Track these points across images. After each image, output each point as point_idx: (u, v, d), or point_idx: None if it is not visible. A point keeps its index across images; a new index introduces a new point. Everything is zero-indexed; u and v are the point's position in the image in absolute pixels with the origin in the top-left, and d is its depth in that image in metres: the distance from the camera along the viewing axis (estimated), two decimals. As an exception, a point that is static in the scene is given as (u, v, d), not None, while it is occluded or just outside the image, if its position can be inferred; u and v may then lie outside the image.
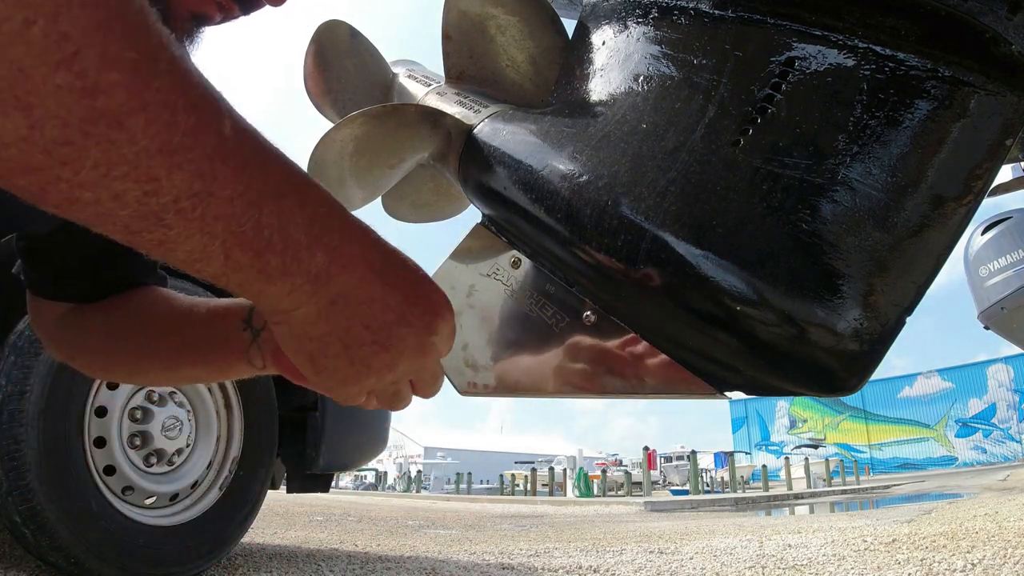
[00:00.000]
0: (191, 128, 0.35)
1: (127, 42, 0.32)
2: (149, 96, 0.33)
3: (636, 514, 10.16)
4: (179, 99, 0.35)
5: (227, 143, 0.37)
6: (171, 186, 0.35)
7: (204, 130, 0.36)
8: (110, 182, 0.34)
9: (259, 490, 2.56)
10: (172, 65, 0.35)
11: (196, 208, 0.37)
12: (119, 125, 0.32)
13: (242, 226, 0.39)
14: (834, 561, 3.14)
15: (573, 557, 3.51)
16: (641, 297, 0.60)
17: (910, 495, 12.97)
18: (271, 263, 0.42)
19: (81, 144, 0.32)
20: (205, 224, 0.38)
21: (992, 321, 4.47)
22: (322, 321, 0.47)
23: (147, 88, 0.33)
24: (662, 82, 0.65)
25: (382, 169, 0.81)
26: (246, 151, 0.39)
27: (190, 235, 0.38)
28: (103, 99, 0.32)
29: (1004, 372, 35.10)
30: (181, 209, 0.36)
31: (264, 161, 0.40)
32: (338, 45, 0.98)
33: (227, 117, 0.38)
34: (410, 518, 7.59)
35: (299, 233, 0.42)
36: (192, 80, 0.36)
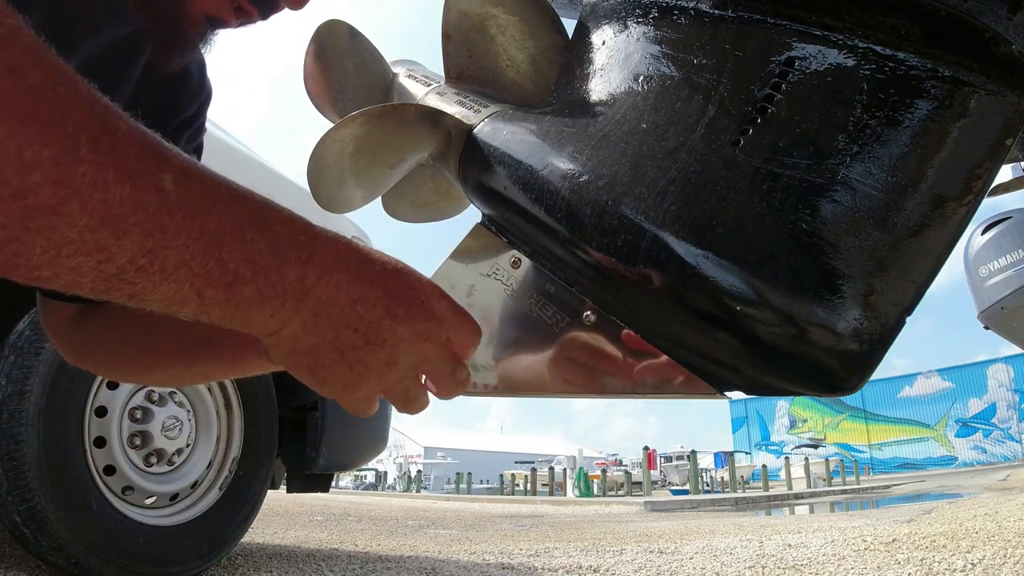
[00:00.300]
0: (128, 196, 0.36)
1: (39, 139, 0.33)
2: (77, 182, 0.34)
3: (636, 514, 10.16)
4: (108, 174, 0.36)
5: (169, 197, 0.38)
6: (122, 251, 0.37)
7: (141, 193, 0.37)
8: (63, 260, 0.36)
9: (259, 490, 2.55)
10: (95, 145, 0.35)
11: (154, 263, 0.38)
12: (55, 214, 0.34)
13: (206, 267, 0.40)
14: (834, 561, 3.14)
15: (573, 557, 3.51)
16: (641, 297, 0.60)
17: (910, 495, 12.97)
18: (245, 292, 0.43)
19: (25, 238, 0.34)
20: (168, 274, 0.39)
21: (992, 321, 4.47)
22: (310, 334, 0.48)
23: (72, 176, 0.34)
24: (662, 82, 0.65)
25: (382, 169, 0.81)
26: (192, 197, 0.40)
27: (157, 286, 0.39)
28: (32, 198, 0.33)
29: (1004, 372, 35.11)
30: (139, 267, 0.38)
31: (213, 200, 0.41)
32: (338, 45, 0.98)
33: (166, 171, 0.39)
34: (410, 518, 7.59)
35: (266, 258, 0.43)
36: (121, 149, 0.37)
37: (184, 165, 0.40)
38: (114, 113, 0.38)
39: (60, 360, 1.99)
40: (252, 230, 0.42)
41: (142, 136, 0.39)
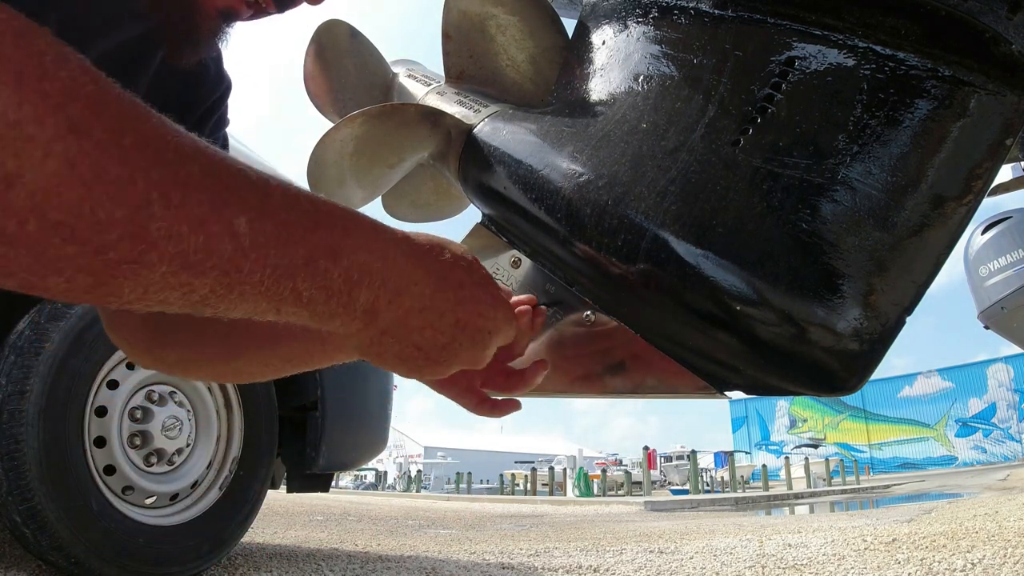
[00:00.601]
0: (202, 245, 0.38)
1: (113, 202, 0.35)
2: (152, 236, 0.36)
3: (636, 514, 10.16)
4: (182, 227, 0.37)
5: (243, 241, 0.40)
6: (203, 285, 0.39)
7: (215, 241, 0.39)
8: (151, 295, 0.38)
9: (259, 490, 2.55)
10: (166, 200, 0.37)
11: (232, 292, 0.41)
12: (136, 263, 0.36)
13: (281, 294, 0.43)
14: (834, 561, 3.14)
15: (573, 557, 3.51)
16: (641, 297, 0.60)
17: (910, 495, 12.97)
18: (318, 310, 0.46)
19: (113, 283, 0.37)
20: (246, 299, 0.42)
21: (992, 321, 4.47)
22: (376, 345, 0.52)
23: (147, 231, 0.36)
24: (662, 82, 0.65)
25: (382, 169, 0.81)
26: (266, 237, 0.41)
27: (237, 307, 0.42)
28: (113, 253, 0.35)
29: (1004, 372, 35.10)
30: (220, 296, 0.41)
31: (288, 237, 0.43)
32: (338, 45, 0.98)
33: (241, 213, 0.40)
34: (410, 518, 7.59)
35: (338, 284, 0.46)
36: (193, 199, 0.38)
37: (260, 203, 0.42)
38: (186, 154, 0.39)
39: (60, 360, 1.99)
40: (326, 261, 0.45)
41: (215, 178, 0.40)
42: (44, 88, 0.33)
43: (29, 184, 0.33)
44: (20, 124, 0.32)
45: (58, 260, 0.35)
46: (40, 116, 0.33)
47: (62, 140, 0.33)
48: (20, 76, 0.32)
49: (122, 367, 2.22)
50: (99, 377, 2.13)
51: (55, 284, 0.36)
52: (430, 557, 3.48)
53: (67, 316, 2.05)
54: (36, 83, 0.33)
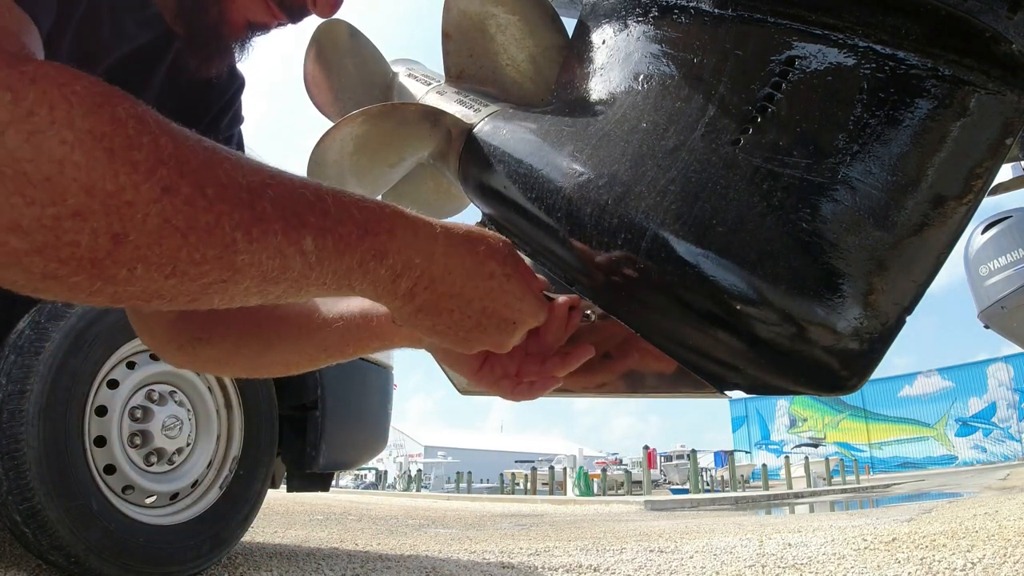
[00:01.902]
0: (278, 266, 0.45)
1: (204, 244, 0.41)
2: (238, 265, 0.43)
3: (636, 513, 10.16)
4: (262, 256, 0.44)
5: (310, 257, 0.46)
6: (277, 290, 0.46)
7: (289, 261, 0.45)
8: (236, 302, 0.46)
9: (259, 489, 2.55)
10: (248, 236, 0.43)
11: (300, 293, 0.48)
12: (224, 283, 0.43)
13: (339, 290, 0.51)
14: (834, 560, 3.14)
15: (573, 556, 3.51)
16: (641, 296, 0.60)
17: (910, 494, 12.97)
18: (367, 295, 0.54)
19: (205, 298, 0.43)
20: (311, 295, 0.50)
21: (992, 320, 4.47)
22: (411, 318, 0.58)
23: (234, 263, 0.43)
24: (662, 81, 0.65)
25: (382, 168, 0.81)
26: (328, 251, 0.48)
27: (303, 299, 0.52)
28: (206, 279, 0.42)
29: (1004, 371, 35.12)
30: (290, 295, 0.48)
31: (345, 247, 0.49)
32: (338, 44, 0.98)
33: (307, 234, 0.46)
34: (410, 517, 7.59)
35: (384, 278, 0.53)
36: (270, 231, 0.44)
37: (320, 221, 0.47)
38: (257, 191, 0.44)
39: (60, 359, 1.99)
40: (374, 263, 0.51)
41: (283, 207, 0.45)
42: (134, 158, 0.38)
43: (134, 240, 0.38)
44: (119, 193, 0.37)
45: (161, 290, 0.41)
46: (135, 184, 0.38)
47: (157, 202, 0.38)
48: (111, 151, 0.37)
49: (122, 366, 2.22)
50: (99, 376, 2.14)
51: (158, 304, 0.43)
52: (430, 556, 3.47)
53: (67, 316, 2.05)
54: (125, 153, 0.38)
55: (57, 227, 0.36)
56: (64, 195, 0.35)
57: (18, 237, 0.35)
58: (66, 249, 0.36)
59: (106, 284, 0.39)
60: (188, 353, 0.77)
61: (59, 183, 0.35)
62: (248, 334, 0.75)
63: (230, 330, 0.75)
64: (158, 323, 0.77)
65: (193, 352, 0.77)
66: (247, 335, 0.75)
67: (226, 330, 0.75)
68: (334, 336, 0.73)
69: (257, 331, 0.75)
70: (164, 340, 0.78)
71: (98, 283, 0.39)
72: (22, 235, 0.35)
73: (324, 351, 0.74)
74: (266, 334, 0.75)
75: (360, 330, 0.72)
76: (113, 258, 0.38)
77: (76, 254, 0.37)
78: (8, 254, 0.36)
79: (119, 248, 0.38)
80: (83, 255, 0.37)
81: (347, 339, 0.72)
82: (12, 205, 0.35)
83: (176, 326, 0.76)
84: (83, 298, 0.40)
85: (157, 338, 0.78)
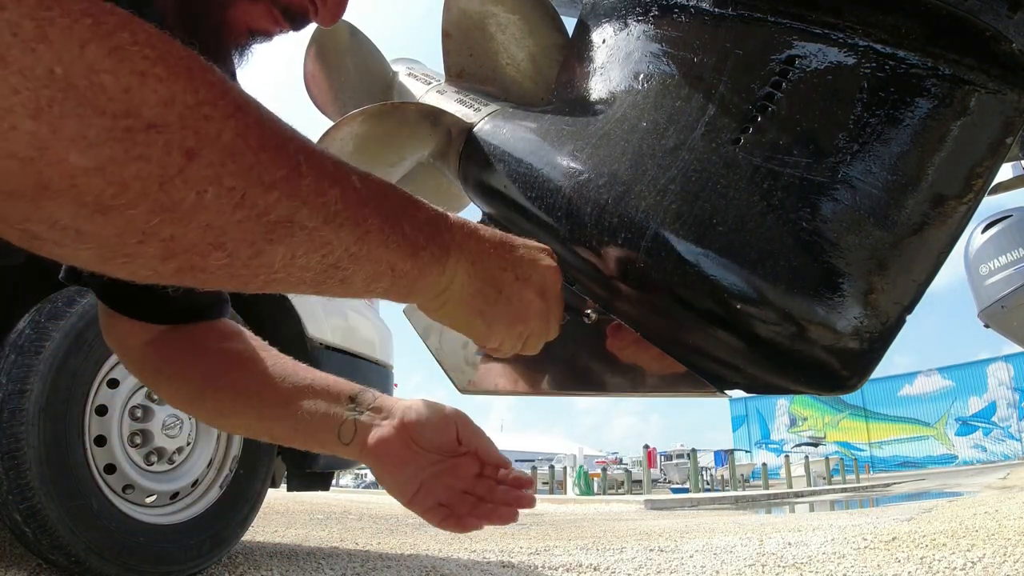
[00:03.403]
0: (338, 196, 0.44)
1: (274, 164, 0.40)
2: (304, 192, 0.42)
3: (636, 512, 10.16)
4: (324, 182, 0.43)
5: (361, 192, 0.46)
6: (340, 242, 0.45)
7: (346, 192, 0.45)
8: (297, 261, 0.43)
9: (259, 488, 2.56)
10: (310, 159, 0.43)
11: (362, 248, 0.47)
12: (291, 223, 0.41)
13: (396, 242, 0.49)
14: (834, 559, 3.15)
15: (573, 555, 3.51)
16: (641, 295, 0.60)
17: (910, 493, 12.97)
18: (424, 258, 0.52)
19: (269, 250, 0.41)
20: (371, 255, 0.48)
21: (992, 319, 4.46)
22: (475, 279, 0.58)
23: (300, 188, 0.42)
24: (662, 80, 0.65)
25: (382, 167, 0.81)
26: (372, 190, 0.48)
27: (362, 267, 0.48)
28: (273, 213, 0.40)
29: (1004, 370, 35.11)
30: (352, 255, 0.46)
31: (384, 192, 0.50)
32: (338, 44, 0.98)
33: (351, 173, 0.47)
34: (410, 516, 7.58)
35: (428, 226, 0.53)
36: (323, 160, 0.44)
37: (354, 167, 0.48)
38: (301, 133, 0.45)
39: (61, 359, 1.99)
40: (412, 208, 0.52)
41: (324, 148, 0.46)
42: (209, 78, 0.38)
43: (207, 157, 0.37)
44: (198, 107, 0.37)
45: (225, 231, 0.39)
46: (213, 99, 0.38)
47: (232, 117, 0.38)
48: (191, 69, 0.37)
49: (122, 366, 2.22)
50: (99, 376, 2.13)
51: (215, 262, 0.40)
52: (430, 556, 3.48)
53: (67, 315, 2.05)
54: (203, 75, 0.38)
55: (128, 139, 0.34)
56: (141, 107, 0.34)
57: (80, 151, 0.33)
58: (133, 166, 0.34)
59: (167, 219, 0.36)
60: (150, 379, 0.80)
61: (138, 94, 0.34)
62: (208, 395, 0.76)
63: (192, 384, 0.77)
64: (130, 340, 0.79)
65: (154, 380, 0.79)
66: (206, 396, 0.76)
67: (188, 382, 0.77)
68: (284, 430, 0.74)
69: (216, 396, 0.76)
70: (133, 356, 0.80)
71: (157, 217, 0.36)
72: (86, 148, 0.33)
73: (272, 437, 0.77)
74: (222, 403, 0.76)
75: (308, 434, 0.72)
76: (184, 176, 0.36)
77: (144, 171, 0.35)
78: (64, 175, 0.33)
79: (191, 165, 0.36)
80: (151, 172, 0.35)
81: (295, 438, 0.74)
82: (80, 115, 0.33)
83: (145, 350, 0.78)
84: (132, 246, 0.37)
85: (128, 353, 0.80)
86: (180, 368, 0.77)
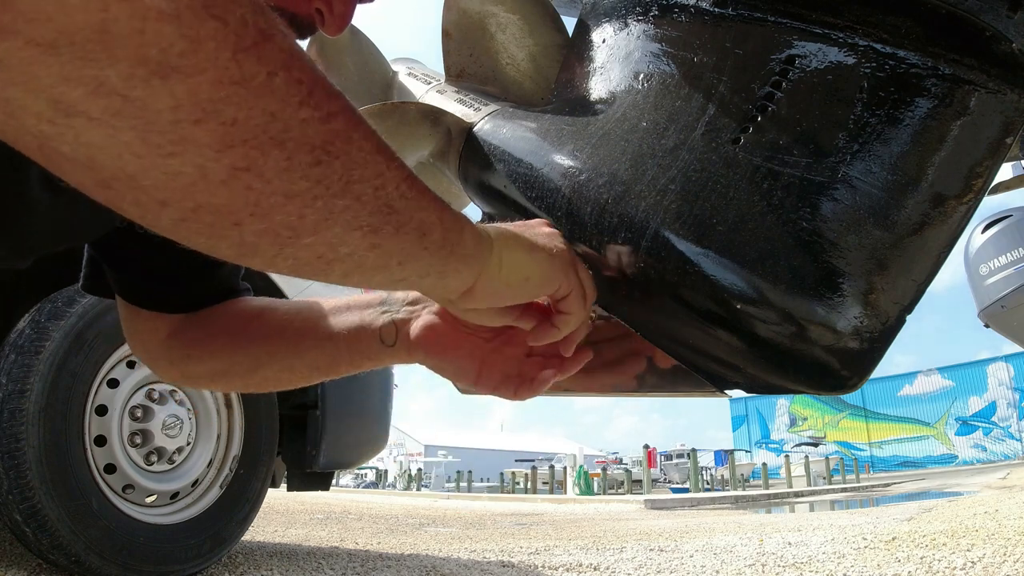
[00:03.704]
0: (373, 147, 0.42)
1: (329, 95, 0.38)
2: (363, 124, 0.40)
3: (636, 512, 10.16)
4: (358, 129, 0.40)
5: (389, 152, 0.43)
6: (392, 175, 0.43)
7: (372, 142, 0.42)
8: (352, 187, 0.40)
9: (259, 488, 2.56)
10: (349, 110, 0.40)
11: (412, 189, 0.45)
12: (349, 139, 0.39)
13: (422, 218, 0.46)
14: (834, 559, 3.15)
15: (573, 555, 3.51)
16: (641, 295, 0.60)
17: (910, 493, 12.98)
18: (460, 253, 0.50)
19: (328, 161, 0.38)
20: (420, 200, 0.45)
21: (992, 319, 4.47)
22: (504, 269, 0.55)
23: (357, 119, 0.40)
24: (662, 80, 0.65)
25: (382, 167, 0.81)
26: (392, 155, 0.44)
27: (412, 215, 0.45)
28: (335, 122, 0.38)
29: (1004, 370, 35.13)
30: (402, 193, 0.43)
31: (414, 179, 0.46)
32: (338, 43, 0.98)
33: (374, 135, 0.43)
34: (410, 516, 7.60)
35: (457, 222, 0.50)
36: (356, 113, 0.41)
37: None
38: None
39: (60, 359, 1.99)
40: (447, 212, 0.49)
41: None
42: None
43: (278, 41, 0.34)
44: None
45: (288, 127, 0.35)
46: None
47: None
48: None
49: (122, 366, 2.22)
50: (99, 376, 2.14)
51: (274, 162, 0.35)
52: (430, 555, 3.48)
53: (67, 315, 2.05)
54: None
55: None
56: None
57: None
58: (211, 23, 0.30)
59: (232, 95, 0.32)
60: (179, 369, 0.77)
61: None
62: (240, 351, 0.75)
63: (222, 349, 0.76)
64: (152, 337, 0.77)
65: (184, 368, 0.77)
66: (238, 353, 0.75)
67: (217, 348, 0.76)
68: (325, 358, 0.72)
69: (248, 349, 0.74)
70: (157, 355, 0.78)
71: (224, 91, 0.32)
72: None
73: (316, 370, 0.73)
74: (256, 352, 0.74)
75: (352, 349, 0.70)
76: (258, 51, 0.33)
77: (220, 33, 0.31)
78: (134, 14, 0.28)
79: (266, 43, 0.33)
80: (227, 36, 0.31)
81: (338, 361, 0.71)
82: None
83: (168, 343, 0.77)
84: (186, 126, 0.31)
85: (151, 353, 0.79)
86: (209, 343, 0.76)
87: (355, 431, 2.95)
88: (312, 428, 2.68)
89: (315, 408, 2.69)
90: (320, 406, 2.68)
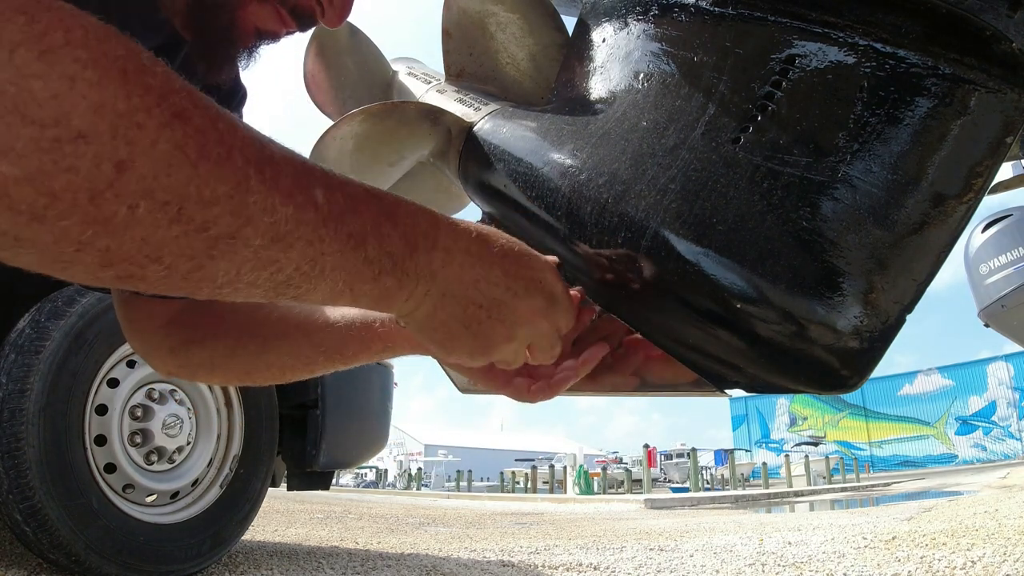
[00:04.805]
0: (291, 216, 0.41)
1: (216, 179, 0.38)
2: (250, 210, 0.39)
3: (636, 511, 10.16)
4: (275, 199, 0.40)
5: (323, 209, 0.43)
6: (289, 261, 0.42)
7: (302, 211, 0.42)
8: (242, 277, 0.41)
9: (259, 488, 2.56)
10: (261, 175, 0.40)
11: (315, 268, 0.44)
12: (233, 239, 0.39)
13: (356, 265, 0.46)
14: (834, 558, 3.15)
15: (573, 554, 3.51)
16: (641, 294, 0.60)
17: (910, 492, 12.98)
18: (387, 283, 0.49)
19: (210, 265, 0.39)
20: (326, 276, 0.45)
21: (992, 319, 4.47)
22: (440, 311, 0.54)
23: (246, 205, 0.39)
24: (662, 79, 0.64)
25: (382, 167, 0.81)
26: (339, 205, 0.45)
27: (317, 286, 0.45)
28: (214, 229, 0.38)
29: (1004, 370, 35.12)
30: (303, 273, 0.43)
31: (355, 204, 0.46)
32: (338, 43, 0.98)
33: (317, 186, 0.43)
34: (410, 515, 7.60)
35: (400, 248, 0.49)
36: (281, 173, 0.41)
37: (327, 176, 0.45)
38: (264, 137, 0.42)
39: (60, 358, 1.99)
40: (387, 226, 0.48)
41: (291, 155, 0.43)
42: (147, 82, 0.36)
43: (140, 169, 0.35)
44: (130, 114, 0.35)
45: (162, 245, 0.37)
46: (148, 106, 0.35)
47: (168, 127, 0.36)
48: (125, 72, 0.35)
49: (122, 365, 2.22)
50: (99, 375, 2.14)
51: (154, 273, 0.38)
52: (430, 555, 3.48)
53: (67, 315, 2.05)
54: (139, 77, 0.36)
55: (56, 150, 0.33)
56: (70, 114, 0.33)
57: (10, 161, 0.32)
58: (62, 177, 0.33)
59: (100, 231, 0.35)
60: (180, 356, 0.76)
61: (67, 100, 0.33)
62: (246, 334, 0.74)
63: (227, 330, 0.74)
64: (149, 325, 0.76)
65: (185, 355, 0.76)
66: (244, 335, 0.74)
67: (223, 330, 0.75)
68: (333, 339, 0.71)
69: (255, 330, 0.73)
70: (155, 343, 0.77)
71: (91, 229, 0.35)
72: (15, 158, 0.32)
73: (323, 354, 0.72)
74: (264, 334, 0.73)
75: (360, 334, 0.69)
76: (115, 190, 0.34)
77: (73, 184, 0.33)
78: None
79: (122, 177, 0.34)
80: (80, 185, 0.34)
81: (347, 342, 0.70)
82: (8, 124, 0.32)
83: (167, 330, 0.75)
84: (69, 253, 0.36)
85: (149, 342, 0.77)
86: (211, 327, 0.75)
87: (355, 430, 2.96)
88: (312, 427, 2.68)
89: (315, 408, 2.69)
90: (320, 405, 2.68)
